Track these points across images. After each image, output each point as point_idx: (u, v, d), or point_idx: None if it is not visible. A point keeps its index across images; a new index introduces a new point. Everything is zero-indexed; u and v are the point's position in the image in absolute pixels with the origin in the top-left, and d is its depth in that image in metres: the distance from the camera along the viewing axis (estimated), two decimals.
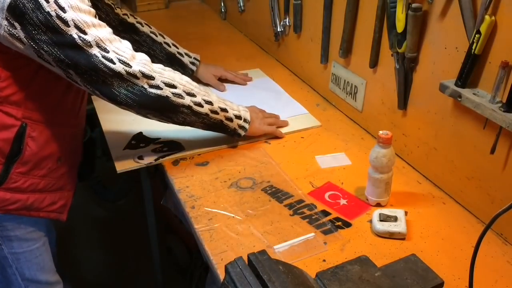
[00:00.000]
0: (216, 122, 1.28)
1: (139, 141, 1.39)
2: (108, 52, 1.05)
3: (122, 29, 1.55)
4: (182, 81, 1.20)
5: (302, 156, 1.36)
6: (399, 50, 1.21)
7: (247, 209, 1.16)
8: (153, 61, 1.46)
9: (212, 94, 1.28)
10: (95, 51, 1.03)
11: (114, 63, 1.06)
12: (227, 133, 1.34)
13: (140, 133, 1.43)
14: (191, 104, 1.20)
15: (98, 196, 2.62)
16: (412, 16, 1.13)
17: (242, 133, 1.35)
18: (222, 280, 0.86)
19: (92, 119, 1.52)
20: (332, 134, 1.47)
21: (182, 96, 1.18)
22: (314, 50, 1.66)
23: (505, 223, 1.05)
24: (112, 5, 1.54)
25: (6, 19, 0.99)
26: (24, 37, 1.00)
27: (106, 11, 1.51)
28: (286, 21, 1.81)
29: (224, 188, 1.23)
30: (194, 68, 1.66)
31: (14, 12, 0.98)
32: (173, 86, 1.16)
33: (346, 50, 1.47)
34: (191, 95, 1.20)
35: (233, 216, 1.14)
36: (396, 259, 0.94)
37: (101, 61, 1.04)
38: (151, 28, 1.62)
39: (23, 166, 1.16)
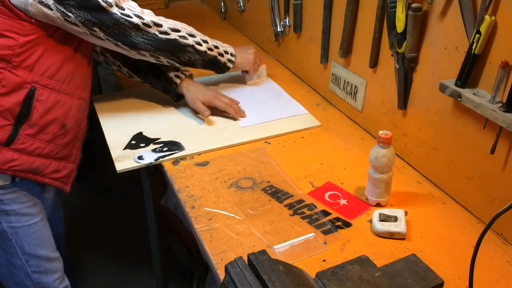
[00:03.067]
0: (212, 58, 1.47)
1: (139, 141, 1.40)
2: (124, 9, 1.25)
3: None
4: (182, 25, 1.40)
5: (302, 156, 1.36)
6: (399, 50, 1.21)
7: (247, 209, 1.16)
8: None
9: (202, 34, 1.45)
10: (115, 10, 1.24)
11: (131, 17, 1.26)
12: (219, 67, 1.53)
13: (140, 133, 1.43)
14: (194, 44, 1.40)
15: (98, 196, 2.62)
16: (412, 16, 1.13)
17: (231, 65, 1.55)
18: (222, 280, 0.86)
19: (92, 119, 1.52)
20: (332, 134, 1.47)
21: (186, 37, 1.38)
22: (314, 50, 1.66)
23: (505, 223, 1.05)
24: None
25: None
26: (52, 3, 1.17)
27: None
28: (286, 21, 1.81)
29: (224, 188, 1.23)
30: (178, 81, 1.51)
31: None
32: (177, 30, 1.36)
33: (346, 50, 1.47)
34: (192, 35, 1.40)
35: (233, 216, 1.14)
36: (396, 259, 0.94)
37: (121, 17, 1.25)
38: None
39: (30, 128, 1.24)
